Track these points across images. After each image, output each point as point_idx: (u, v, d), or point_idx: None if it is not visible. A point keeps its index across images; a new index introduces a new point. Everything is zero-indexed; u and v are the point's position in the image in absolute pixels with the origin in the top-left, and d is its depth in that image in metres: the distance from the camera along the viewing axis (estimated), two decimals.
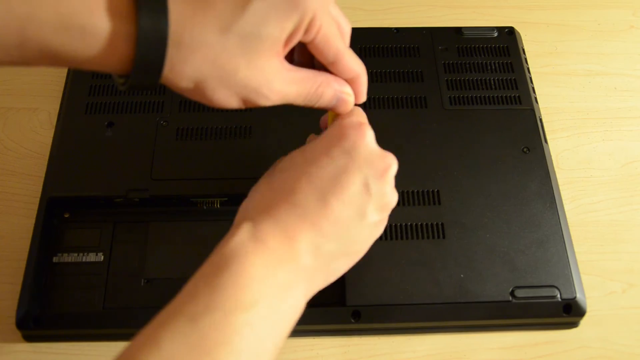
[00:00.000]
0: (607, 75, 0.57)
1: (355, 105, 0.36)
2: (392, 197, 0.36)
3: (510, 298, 0.42)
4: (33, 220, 0.44)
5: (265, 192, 0.34)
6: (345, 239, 0.34)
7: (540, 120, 0.50)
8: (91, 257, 0.44)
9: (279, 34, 0.29)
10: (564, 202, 0.46)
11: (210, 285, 0.28)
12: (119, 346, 0.42)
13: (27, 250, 0.43)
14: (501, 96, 0.51)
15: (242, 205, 0.35)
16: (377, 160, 0.34)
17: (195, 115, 0.49)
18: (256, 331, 0.28)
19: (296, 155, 0.35)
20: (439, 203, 0.45)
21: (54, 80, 0.54)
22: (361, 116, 0.36)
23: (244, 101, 0.31)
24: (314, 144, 0.35)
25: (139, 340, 0.27)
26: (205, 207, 0.46)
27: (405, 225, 0.44)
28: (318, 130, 0.48)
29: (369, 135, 0.35)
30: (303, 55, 0.35)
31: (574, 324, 0.44)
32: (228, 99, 0.30)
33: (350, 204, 0.33)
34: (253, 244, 0.30)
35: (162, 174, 0.46)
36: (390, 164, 0.35)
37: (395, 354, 0.43)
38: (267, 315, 0.29)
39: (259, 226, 0.31)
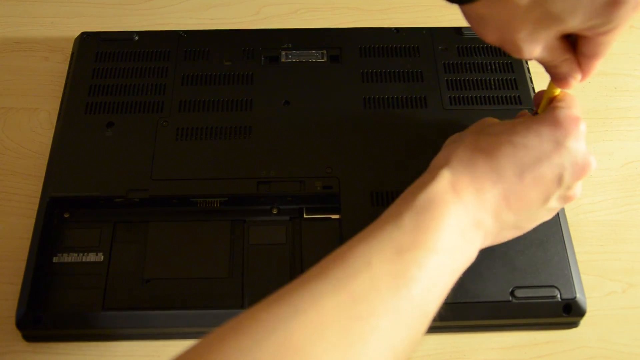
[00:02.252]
0: (607, 75, 0.57)
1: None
2: (576, 192, 0.38)
3: (510, 298, 0.42)
4: (33, 220, 0.44)
5: (469, 147, 0.36)
6: (523, 215, 0.36)
7: None
8: (91, 257, 0.44)
9: (578, 24, 0.31)
10: None
11: (414, 221, 0.32)
12: (119, 346, 0.43)
13: (27, 250, 0.43)
14: (501, 96, 0.51)
15: (442, 150, 0.38)
16: (581, 159, 0.36)
17: (195, 115, 0.49)
18: (441, 273, 0.32)
19: (507, 126, 0.37)
20: None
21: (54, 80, 0.55)
22: (579, 110, 0.37)
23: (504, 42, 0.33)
24: (529, 122, 0.36)
25: (352, 252, 0.31)
26: (205, 207, 0.46)
27: None
28: (317, 131, 0.48)
29: (582, 132, 0.36)
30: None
31: (573, 324, 0.44)
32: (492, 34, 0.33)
33: (541, 187, 0.35)
34: (451, 193, 0.33)
35: (162, 174, 0.46)
36: (590, 165, 0.36)
37: None
38: (452, 262, 0.32)
39: (457, 177, 0.34)
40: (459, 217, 0.33)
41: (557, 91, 0.38)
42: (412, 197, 0.33)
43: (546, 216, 0.39)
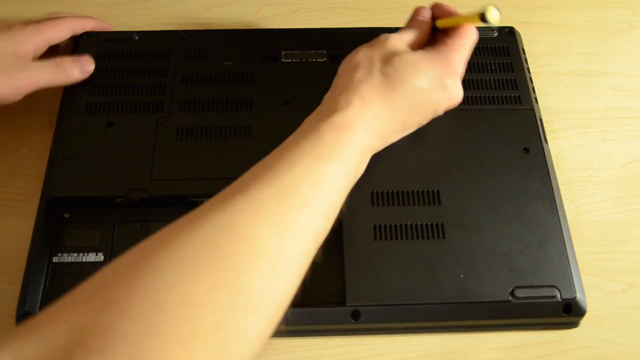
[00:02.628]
0: (607, 75, 0.57)
1: None
2: (458, 93, 0.45)
3: (510, 298, 0.42)
4: (33, 220, 0.44)
5: (378, 86, 0.41)
6: (401, 134, 0.44)
7: (540, 120, 0.50)
8: (91, 257, 0.44)
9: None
10: (564, 202, 0.46)
11: (333, 139, 0.37)
12: None
13: (27, 250, 0.43)
14: (501, 96, 0.51)
15: (355, 76, 0.42)
16: (455, 95, 0.44)
17: (195, 115, 0.49)
18: (347, 179, 0.38)
19: (409, 63, 0.42)
20: (439, 203, 0.45)
21: None
22: (469, 50, 0.45)
23: None
24: (427, 61, 0.43)
25: (275, 156, 0.36)
26: None
27: (405, 225, 0.44)
28: None
29: (461, 72, 0.44)
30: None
31: (574, 324, 0.44)
32: None
33: (421, 116, 0.44)
34: (360, 123, 0.39)
35: (162, 174, 0.46)
36: (460, 99, 0.45)
37: (395, 354, 0.43)
38: (354, 169, 0.39)
39: (366, 110, 0.40)
40: (363, 141, 0.39)
41: (464, 22, 0.44)
42: (329, 117, 0.38)
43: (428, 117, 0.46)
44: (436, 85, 0.42)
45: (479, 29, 0.55)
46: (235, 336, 0.27)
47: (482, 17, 0.41)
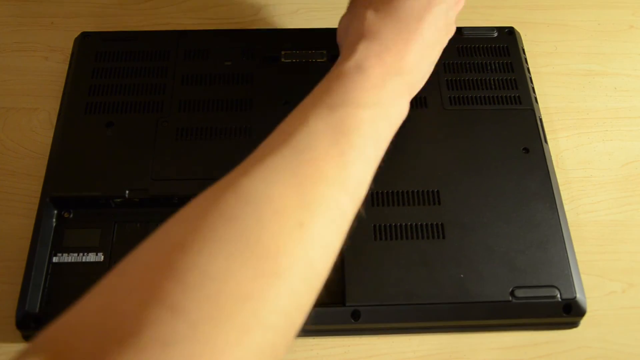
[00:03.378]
0: (607, 75, 0.57)
1: None
2: (454, 26, 0.44)
3: (510, 298, 0.42)
4: (33, 220, 0.44)
5: (371, 16, 0.40)
6: (431, 58, 0.42)
7: (540, 120, 0.50)
8: (91, 257, 0.44)
9: None
10: (564, 202, 0.46)
11: (342, 84, 0.35)
12: None
13: (27, 250, 0.43)
14: (501, 96, 0.51)
15: (352, 26, 0.41)
16: None
17: (195, 115, 0.49)
18: (376, 125, 0.35)
19: None
20: (439, 203, 0.45)
21: (54, 80, 0.55)
22: None
23: None
24: None
25: (291, 119, 0.34)
26: None
27: (405, 225, 0.44)
28: None
29: None
30: None
31: (574, 324, 0.44)
32: None
33: (436, 27, 0.40)
34: (373, 60, 0.37)
35: (162, 174, 0.46)
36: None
37: (395, 354, 0.43)
38: (384, 115, 0.36)
39: (372, 45, 0.38)
40: (382, 75, 0.36)
41: None
42: (337, 69, 0.37)
43: (437, 56, 0.44)
44: None
45: (479, 29, 0.55)
46: (265, 305, 0.26)
47: None
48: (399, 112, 0.38)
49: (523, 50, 0.54)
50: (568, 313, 0.42)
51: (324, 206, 0.30)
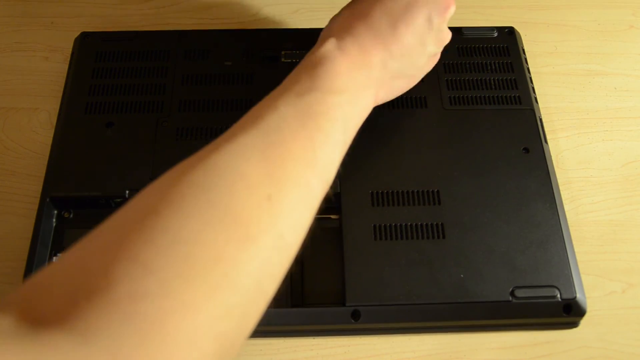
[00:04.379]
0: (607, 75, 0.57)
1: None
2: (447, 34, 0.44)
3: (510, 298, 0.42)
4: (33, 220, 0.44)
5: (346, 16, 0.41)
6: (407, 61, 0.42)
7: (540, 120, 0.50)
8: None
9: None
10: (564, 202, 0.46)
11: (309, 74, 0.36)
12: None
13: (27, 250, 0.43)
14: (501, 96, 0.51)
15: (325, 27, 0.42)
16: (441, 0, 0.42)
17: (195, 115, 0.49)
18: (344, 111, 0.36)
19: None
20: (439, 203, 0.45)
21: (54, 80, 0.55)
22: None
23: None
24: None
25: (260, 105, 0.34)
26: None
27: (405, 225, 0.44)
28: None
29: None
30: None
31: (574, 324, 0.44)
32: None
33: (414, 32, 0.41)
34: (338, 51, 0.38)
35: (162, 174, 0.46)
36: (451, 4, 0.42)
37: (395, 354, 0.43)
38: (350, 102, 0.37)
39: (341, 41, 0.39)
40: (348, 67, 0.37)
41: None
42: (304, 63, 0.38)
43: (429, 63, 0.45)
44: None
45: (479, 29, 0.55)
46: (236, 268, 0.27)
47: None
48: (365, 103, 0.39)
49: (523, 50, 0.54)
50: (568, 313, 0.42)
51: (292, 183, 0.31)
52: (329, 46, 0.38)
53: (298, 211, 0.31)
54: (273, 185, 0.30)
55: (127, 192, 0.45)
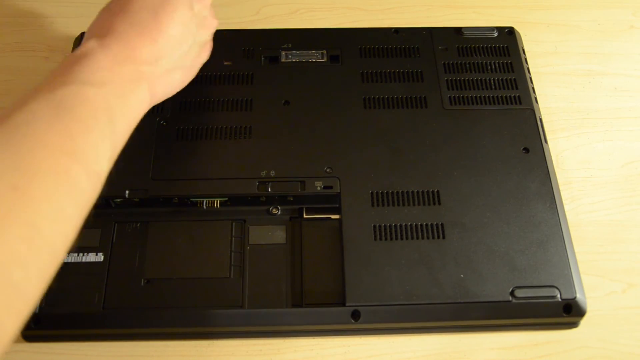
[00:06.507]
0: (607, 75, 0.57)
1: None
2: (212, 19, 0.44)
3: (510, 298, 0.42)
4: None
5: (105, 17, 0.40)
6: (179, 52, 0.41)
7: (540, 120, 0.50)
8: (91, 257, 0.44)
9: None
10: (564, 202, 0.46)
11: (66, 71, 0.35)
12: (119, 346, 0.43)
13: None
14: (501, 96, 0.51)
15: (86, 32, 0.40)
16: None
17: (195, 115, 0.49)
18: (109, 103, 0.35)
19: None
20: (439, 203, 0.45)
21: None
22: None
23: None
24: None
25: (9, 106, 0.32)
26: (205, 207, 0.46)
27: (405, 225, 0.44)
28: (317, 131, 0.49)
29: None
30: None
31: (574, 324, 0.44)
32: None
33: (178, 21, 0.40)
34: (100, 48, 0.37)
35: (162, 174, 0.46)
36: None
37: (395, 354, 0.43)
38: (117, 95, 0.36)
39: (103, 39, 0.37)
40: (110, 61, 0.36)
41: None
42: (61, 63, 0.36)
43: (203, 52, 0.45)
44: None
45: (479, 29, 0.55)
46: None
47: None
48: (138, 98, 0.38)
49: (523, 50, 0.54)
50: (568, 313, 0.42)
51: (45, 173, 0.30)
52: (90, 45, 0.37)
53: (55, 200, 0.30)
54: (20, 176, 0.29)
55: (127, 192, 0.45)
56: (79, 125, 0.33)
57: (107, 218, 0.45)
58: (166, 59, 0.40)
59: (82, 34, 0.54)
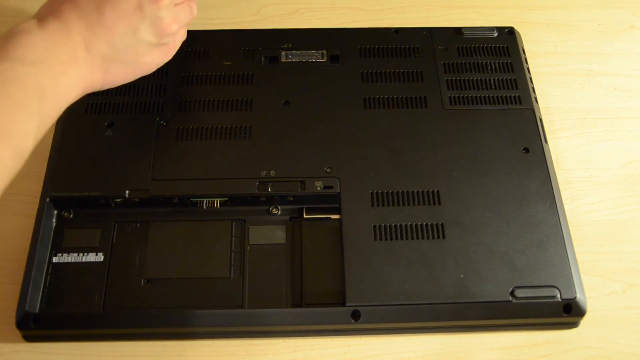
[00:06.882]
0: (607, 75, 0.57)
1: None
2: (168, 24, 0.42)
3: (510, 298, 0.42)
4: (33, 220, 0.44)
5: (55, 1, 0.40)
6: (119, 46, 0.41)
7: (540, 120, 0.50)
8: (91, 257, 0.44)
9: None
10: (564, 202, 0.46)
11: (3, 46, 0.35)
12: (119, 346, 0.43)
13: (27, 250, 0.43)
14: (501, 96, 0.51)
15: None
16: None
17: (195, 115, 0.49)
18: (39, 82, 0.35)
19: None
20: (439, 203, 0.45)
21: None
22: None
23: None
24: None
25: None
26: (205, 207, 0.46)
27: (405, 225, 0.44)
28: (317, 131, 0.49)
29: None
30: None
31: (574, 324, 0.44)
32: None
33: (121, 17, 0.40)
34: (37, 27, 0.37)
35: (162, 174, 0.46)
36: None
37: (395, 354, 0.43)
38: (49, 75, 0.36)
39: (43, 20, 0.38)
40: (44, 39, 0.37)
41: None
42: (5, 34, 0.37)
43: (155, 54, 0.44)
44: None
45: (479, 29, 0.55)
46: None
47: None
48: (71, 81, 0.38)
49: (523, 50, 0.54)
50: (568, 313, 0.42)
51: None
52: (28, 23, 0.38)
53: None
54: None
55: (127, 192, 0.45)
56: (6, 102, 0.33)
57: (107, 218, 0.45)
58: (103, 49, 0.40)
59: None
